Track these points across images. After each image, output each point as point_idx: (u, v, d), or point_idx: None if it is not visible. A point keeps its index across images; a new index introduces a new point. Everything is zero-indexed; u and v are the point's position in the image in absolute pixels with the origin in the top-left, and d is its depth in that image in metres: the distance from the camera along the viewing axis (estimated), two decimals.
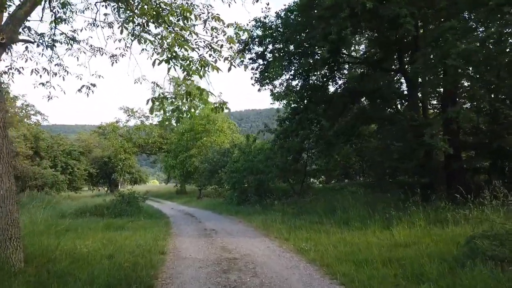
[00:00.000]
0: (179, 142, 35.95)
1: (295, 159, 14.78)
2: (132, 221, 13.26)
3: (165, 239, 9.19)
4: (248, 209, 16.41)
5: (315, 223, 10.74)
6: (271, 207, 16.16)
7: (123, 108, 40.40)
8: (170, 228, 12.21)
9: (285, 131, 13.82)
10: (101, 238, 9.18)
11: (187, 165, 33.89)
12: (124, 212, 14.93)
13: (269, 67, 11.86)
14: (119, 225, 11.83)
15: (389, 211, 9.81)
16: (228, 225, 12.32)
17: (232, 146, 25.43)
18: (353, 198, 13.01)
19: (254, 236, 9.66)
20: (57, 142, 28.79)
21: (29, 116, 33.65)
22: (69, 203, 19.41)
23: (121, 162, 37.50)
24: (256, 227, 11.49)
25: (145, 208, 20.78)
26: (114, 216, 14.61)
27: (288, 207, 14.97)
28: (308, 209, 13.49)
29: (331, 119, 14.31)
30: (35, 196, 20.61)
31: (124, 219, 14.15)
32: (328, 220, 10.92)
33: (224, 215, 16.42)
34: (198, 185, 30.79)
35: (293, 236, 8.89)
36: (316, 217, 11.65)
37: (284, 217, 12.45)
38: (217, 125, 35.21)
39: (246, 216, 14.71)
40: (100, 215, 14.53)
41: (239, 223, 12.93)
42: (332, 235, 8.73)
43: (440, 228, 8.37)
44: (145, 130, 40.83)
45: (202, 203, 24.11)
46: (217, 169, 25.73)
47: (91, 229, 11.39)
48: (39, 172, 23.28)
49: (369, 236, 8.32)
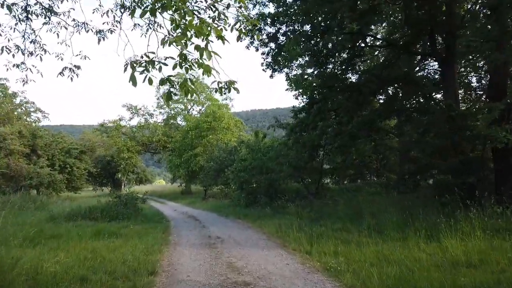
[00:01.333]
0: (183, 140, 34.47)
1: (311, 156, 13.10)
2: (127, 226, 11.71)
3: (160, 251, 7.58)
4: (258, 212, 14.78)
5: (339, 231, 9.05)
6: (283, 209, 14.52)
7: (126, 106, 39.09)
8: (169, 234, 10.62)
9: (301, 123, 12.13)
10: (84, 249, 7.63)
11: (192, 164, 32.39)
12: (120, 215, 13.38)
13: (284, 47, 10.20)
14: (111, 231, 10.27)
15: (434, 218, 8.10)
16: (236, 232, 10.68)
17: (239, 144, 23.84)
18: (382, 201, 11.32)
19: (267, 247, 8.01)
20: (55, 140, 27.47)
21: (29, 113, 32.50)
22: (65, 204, 17.96)
23: (124, 161, 36.09)
24: (268, 234, 9.83)
25: (145, 210, 19.28)
26: (109, 220, 13.08)
27: (303, 210, 13.29)
28: (327, 213, 11.80)
29: (350, 110, 12.59)
30: (30, 197, 19.27)
31: (120, 223, 12.63)
32: (355, 227, 9.24)
33: (230, 218, 14.80)
34: (204, 185, 29.24)
35: (316, 248, 7.22)
36: (339, 223, 9.96)
37: (301, 222, 10.81)
38: (223, 122, 33.66)
39: (255, 220, 13.08)
40: (93, 219, 13.01)
41: (248, 229, 11.29)
42: (365, 248, 7.05)
43: (503, 239, 6.65)
44: (149, 128, 39.46)
45: (207, 204, 22.52)
46: (223, 168, 24.15)
47: (79, 235, 9.90)
48: (34, 171, 21.90)
49: (413, 250, 6.62)
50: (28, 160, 24.33)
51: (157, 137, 38.08)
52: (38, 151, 24.78)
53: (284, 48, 10.25)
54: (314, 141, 11.79)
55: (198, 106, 41.58)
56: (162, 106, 40.72)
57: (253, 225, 12.10)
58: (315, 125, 11.61)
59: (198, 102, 41.12)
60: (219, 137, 32.77)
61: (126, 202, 14.10)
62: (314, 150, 12.83)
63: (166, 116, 41.34)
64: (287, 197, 15.33)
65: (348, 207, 11.72)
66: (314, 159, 13.79)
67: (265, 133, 19.29)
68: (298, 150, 12.56)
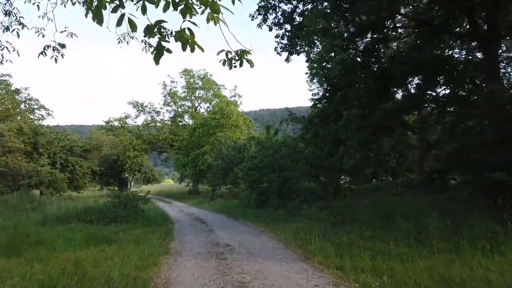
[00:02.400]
0: (190, 138, 33.28)
1: (330, 152, 11.65)
2: (125, 230, 10.48)
3: (156, 264, 6.26)
4: (270, 214, 13.41)
5: (370, 239, 7.61)
6: (298, 211, 13.12)
7: (132, 103, 38.05)
8: (171, 240, 9.31)
9: (321, 113, 10.69)
10: (66, 260, 6.38)
11: (200, 163, 31.17)
12: (119, 217, 12.15)
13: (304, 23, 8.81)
14: (105, 236, 9.02)
15: (487, 224, 6.63)
16: (247, 238, 9.32)
17: (248, 141, 22.52)
18: (411, 202, 9.86)
19: (286, 259, 6.62)
20: (57, 137, 26.48)
21: (32, 111, 31.67)
22: (63, 205, 16.83)
23: (130, 160, 35.02)
24: (285, 241, 8.44)
25: (150, 210, 18.06)
26: (106, 223, 11.88)
27: (321, 212, 11.88)
28: (350, 216, 10.36)
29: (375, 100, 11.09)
30: (28, 197, 18.22)
31: (118, 226, 11.42)
32: (388, 234, 7.80)
33: (240, 221, 13.45)
34: (211, 184, 28.00)
35: (349, 263, 5.81)
36: (367, 228, 8.52)
37: (321, 227, 9.41)
38: (231, 119, 32.36)
39: (268, 223, 11.71)
40: (89, 221, 11.81)
41: (261, 234, 9.92)
42: (410, 262, 5.62)
43: None
44: (156, 126, 38.37)
45: (215, 205, 21.21)
46: (232, 166, 22.87)
47: (69, 240, 8.70)
48: (33, 170, 20.87)
49: (477, 268, 5.18)
50: (29, 158, 23.39)
51: (163, 135, 36.96)
52: (39, 149, 23.79)
53: (304, 23, 8.85)
54: (337, 133, 10.33)
55: (206, 103, 40.38)
56: (169, 104, 39.62)
57: (266, 229, 10.72)
58: (338, 115, 10.16)
59: (206, 99, 39.93)
60: (228, 134, 31.50)
61: (126, 203, 12.86)
62: (334, 145, 11.39)
63: (173, 114, 40.25)
64: (302, 197, 13.93)
65: (374, 210, 10.26)
66: (334, 156, 12.35)
67: (277, 128, 17.89)
68: (317, 144, 11.13)
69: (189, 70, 40.00)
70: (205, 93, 40.27)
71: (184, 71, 39.80)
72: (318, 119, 10.75)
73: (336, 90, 9.99)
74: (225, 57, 4.80)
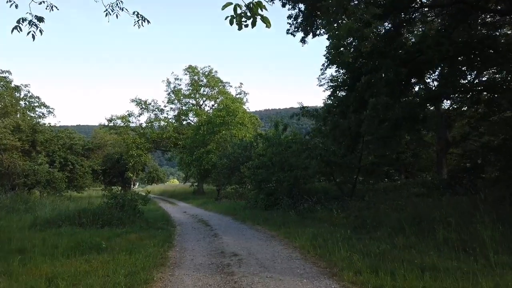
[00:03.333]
0: (195, 136, 32.19)
1: (349, 147, 10.40)
2: (119, 235, 9.36)
3: (148, 282, 5.10)
4: (280, 217, 12.22)
5: (405, 249, 6.37)
6: (311, 214, 11.93)
7: (136, 100, 37.04)
8: (170, 247, 8.16)
9: (341, 102, 9.43)
10: (40, 276, 5.25)
11: (204, 162, 30.08)
12: (115, 219, 11.04)
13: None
14: (95, 243, 7.88)
15: None
16: (256, 244, 8.13)
17: (255, 138, 21.36)
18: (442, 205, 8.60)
19: (308, 275, 5.42)
20: (57, 135, 25.50)
21: (33, 108, 30.84)
22: (59, 205, 15.79)
23: (133, 159, 34.01)
24: (302, 249, 7.24)
25: (151, 212, 17.01)
26: (101, 226, 10.78)
27: (338, 215, 10.68)
28: (373, 220, 9.13)
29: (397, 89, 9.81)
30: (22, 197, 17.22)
31: (113, 230, 10.31)
32: (424, 242, 6.58)
33: (248, 224, 12.29)
34: (216, 184, 26.88)
35: (389, 282, 4.60)
36: (398, 235, 7.28)
37: (341, 232, 8.21)
38: (237, 117, 31.22)
39: (279, 227, 10.53)
40: (82, 224, 10.72)
41: (272, 240, 8.73)
42: (473, 283, 4.39)
43: None
44: (159, 124, 37.32)
45: (221, 206, 20.06)
46: (238, 165, 21.72)
47: (54, 247, 7.61)
48: (30, 168, 19.87)
49: None
50: (28, 157, 22.47)
51: (167, 134, 35.91)
52: (37, 147, 22.85)
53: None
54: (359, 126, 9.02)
55: (211, 101, 39.24)
56: (173, 101, 38.52)
57: (277, 234, 9.54)
58: (361, 104, 8.88)
59: (211, 97, 38.78)
60: (233, 132, 30.36)
61: (123, 203, 11.74)
62: (355, 140, 10.13)
63: (177, 112, 39.16)
64: (315, 198, 12.72)
65: (403, 213, 9.01)
66: (353, 152, 11.09)
67: (285, 124, 16.69)
68: (336, 138, 9.89)
69: (194, 67, 38.90)
70: (210, 90, 39.15)
71: (189, 67, 38.72)
72: (338, 109, 9.47)
73: (359, 75, 8.71)
74: (233, 13, 3.66)
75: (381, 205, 11.32)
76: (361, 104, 8.92)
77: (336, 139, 10.09)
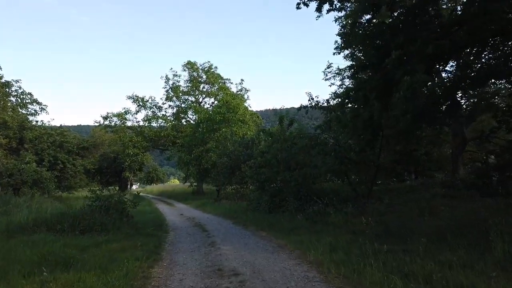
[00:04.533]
0: (194, 134, 30.74)
1: (369, 142, 8.93)
2: (99, 244, 7.92)
3: None
4: (288, 221, 10.80)
5: (459, 268, 4.90)
6: (322, 218, 10.47)
7: (132, 97, 35.62)
8: (157, 261, 6.72)
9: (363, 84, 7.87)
10: None
11: (204, 161, 28.65)
12: (98, 224, 9.59)
13: None
14: (64, 256, 6.44)
15: None
16: (263, 258, 6.68)
17: (257, 135, 19.94)
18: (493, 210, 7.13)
19: None
20: (47, 132, 24.07)
21: (25, 105, 29.44)
22: (43, 207, 14.36)
23: (129, 158, 32.58)
24: (321, 268, 5.77)
25: (143, 214, 15.55)
26: (81, 231, 9.35)
27: (355, 219, 9.24)
28: (402, 227, 7.67)
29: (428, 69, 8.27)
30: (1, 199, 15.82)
31: (94, 237, 8.89)
32: (480, 257, 5.12)
33: (251, 229, 10.85)
34: (216, 184, 25.44)
35: None
36: (442, 248, 5.82)
37: (363, 241, 6.77)
38: (238, 113, 29.78)
39: (287, 234, 9.11)
40: (59, 231, 9.29)
41: (281, 252, 7.28)
42: None
43: None
44: (157, 122, 35.88)
45: (220, 207, 18.62)
46: (239, 164, 20.28)
47: (12, 263, 6.18)
48: (15, 167, 18.41)
49: None
50: (16, 155, 21.05)
51: (165, 132, 34.48)
52: (25, 144, 21.41)
53: None
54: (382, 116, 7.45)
55: (211, 98, 37.78)
56: (171, 98, 37.09)
57: (285, 243, 8.09)
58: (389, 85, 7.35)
59: (211, 94, 37.34)
60: (234, 130, 28.91)
61: (108, 206, 10.29)
62: (375, 132, 8.59)
63: (176, 109, 37.72)
64: (326, 201, 11.24)
65: (439, 220, 7.56)
66: (374, 147, 9.59)
67: (291, 119, 15.25)
68: (356, 130, 8.40)
69: (193, 63, 37.49)
70: (210, 87, 37.73)
71: (188, 63, 37.31)
72: (360, 93, 7.92)
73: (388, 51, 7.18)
74: None
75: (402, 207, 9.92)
76: (387, 87, 7.39)
77: (356, 131, 8.60)
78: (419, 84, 6.65)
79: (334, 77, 20.50)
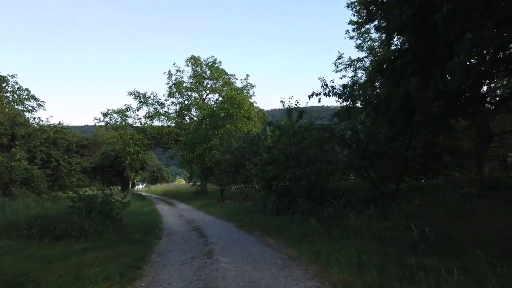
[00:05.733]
0: (197, 131, 29.29)
1: (401, 129, 7.32)
2: (70, 255, 6.49)
3: None
4: (299, 225, 9.26)
5: None
6: (339, 222, 8.90)
7: (134, 93, 34.28)
8: (135, 280, 5.25)
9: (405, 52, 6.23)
10: None
11: (207, 159, 27.19)
12: (77, 230, 8.18)
13: None
14: (18, 273, 5.02)
15: None
16: (270, 276, 5.18)
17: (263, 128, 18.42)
18: None
19: None
20: (41, 129, 22.80)
21: (21, 101, 28.32)
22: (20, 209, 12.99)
23: (130, 156, 31.25)
24: None
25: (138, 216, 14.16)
26: (57, 238, 7.96)
27: (380, 224, 7.68)
28: (442, 235, 6.10)
29: None
30: None
31: (70, 244, 7.50)
32: None
33: (256, 234, 9.36)
34: (219, 183, 24.00)
35: None
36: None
37: (397, 252, 5.26)
38: (243, 109, 28.26)
39: (299, 241, 7.59)
40: (29, 237, 7.91)
41: (293, 267, 5.77)
42: None
43: None
44: (159, 119, 34.50)
45: (223, 208, 17.14)
46: (244, 161, 18.77)
47: None
48: (2, 165, 17.09)
49: None
50: (8, 152, 19.84)
51: (168, 129, 33.09)
52: (16, 141, 20.18)
53: None
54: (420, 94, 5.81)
55: (215, 94, 36.31)
56: (174, 95, 35.66)
57: (298, 254, 6.57)
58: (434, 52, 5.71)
59: (215, 89, 35.86)
60: (239, 127, 27.42)
61: (90, 209, 8.86)
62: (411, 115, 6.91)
63: (179, 107, 36.30)
64: (343, 201, 9.68)
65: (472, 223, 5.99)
66: (406, 136, 7.97)
67: (301, 110, 13.68)
68: (390, 112, 6.75)
69: (197, 58, 36.03)
70: (214, 83, 36.25)
71: (191, 58, 35.87)
72: (400, 61, 6.25)
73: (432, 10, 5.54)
74: None
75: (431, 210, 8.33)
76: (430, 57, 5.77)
77: (387, 115, 7.00)
78: (489, 43, 5.02)
79: (346, 68, 18.96)
